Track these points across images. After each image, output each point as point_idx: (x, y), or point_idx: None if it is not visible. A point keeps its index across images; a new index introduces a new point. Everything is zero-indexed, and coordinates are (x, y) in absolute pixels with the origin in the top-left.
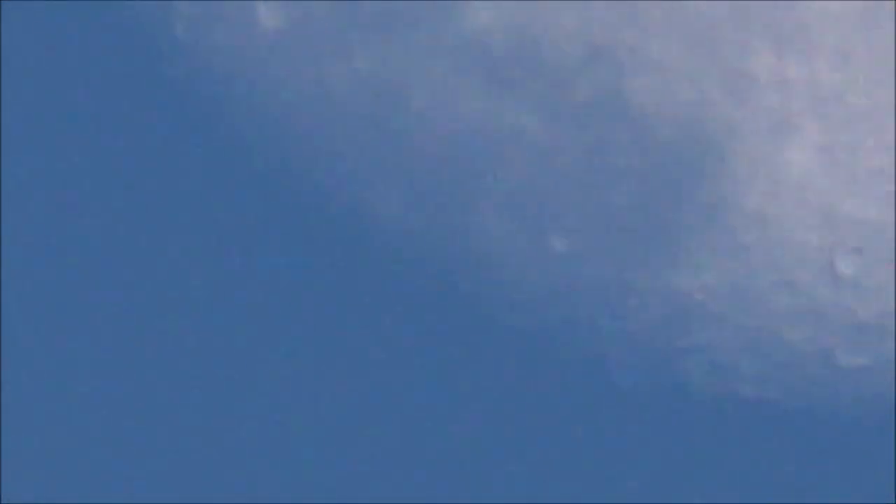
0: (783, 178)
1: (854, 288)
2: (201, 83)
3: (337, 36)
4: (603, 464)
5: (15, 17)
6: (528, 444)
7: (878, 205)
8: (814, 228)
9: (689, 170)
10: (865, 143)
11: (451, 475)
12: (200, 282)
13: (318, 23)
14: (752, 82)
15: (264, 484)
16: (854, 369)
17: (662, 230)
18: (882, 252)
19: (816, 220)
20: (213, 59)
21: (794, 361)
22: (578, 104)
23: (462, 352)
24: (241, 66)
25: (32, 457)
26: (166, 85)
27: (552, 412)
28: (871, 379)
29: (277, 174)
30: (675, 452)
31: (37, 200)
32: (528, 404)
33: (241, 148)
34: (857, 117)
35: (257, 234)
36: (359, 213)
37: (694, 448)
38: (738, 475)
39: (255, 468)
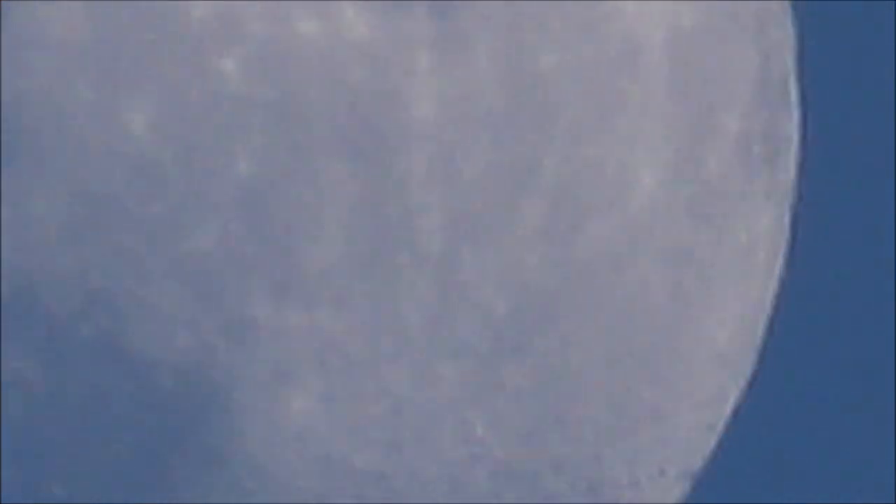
0: (284, 427)
1: None
2: None
3: None
4: None
5: None
6: None
7: (377, 453)
8: (314, 476)
9: (190, 418)
10: (366, 390)
11: None
12: None
13: None
14: (253, 330)
15: None
16: None
17: (161, 479)
18: None
19: (317, 467)
20: None
21: None
22: (77, 350)
23: None
24: None
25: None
26: None
27: None
28: None
29: None
30: None
31: None
32: None
33: None
34: (357, 365)
35: None
36: None
37: None
38: None
39: None
